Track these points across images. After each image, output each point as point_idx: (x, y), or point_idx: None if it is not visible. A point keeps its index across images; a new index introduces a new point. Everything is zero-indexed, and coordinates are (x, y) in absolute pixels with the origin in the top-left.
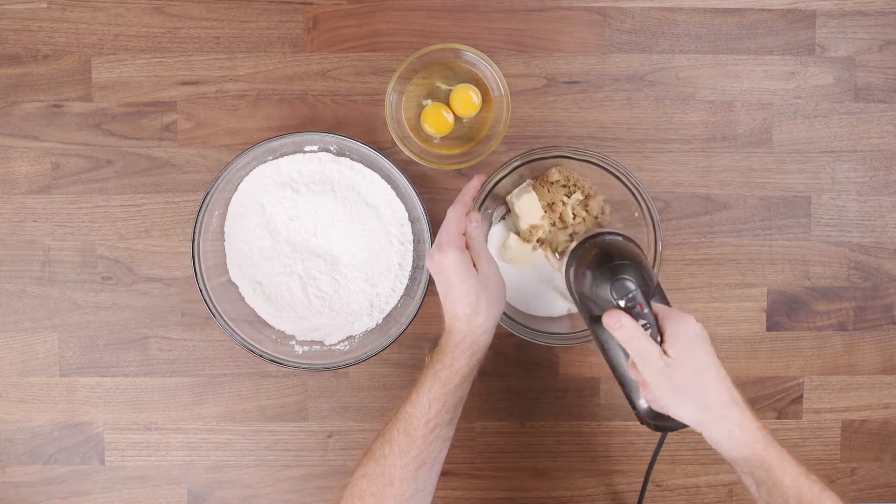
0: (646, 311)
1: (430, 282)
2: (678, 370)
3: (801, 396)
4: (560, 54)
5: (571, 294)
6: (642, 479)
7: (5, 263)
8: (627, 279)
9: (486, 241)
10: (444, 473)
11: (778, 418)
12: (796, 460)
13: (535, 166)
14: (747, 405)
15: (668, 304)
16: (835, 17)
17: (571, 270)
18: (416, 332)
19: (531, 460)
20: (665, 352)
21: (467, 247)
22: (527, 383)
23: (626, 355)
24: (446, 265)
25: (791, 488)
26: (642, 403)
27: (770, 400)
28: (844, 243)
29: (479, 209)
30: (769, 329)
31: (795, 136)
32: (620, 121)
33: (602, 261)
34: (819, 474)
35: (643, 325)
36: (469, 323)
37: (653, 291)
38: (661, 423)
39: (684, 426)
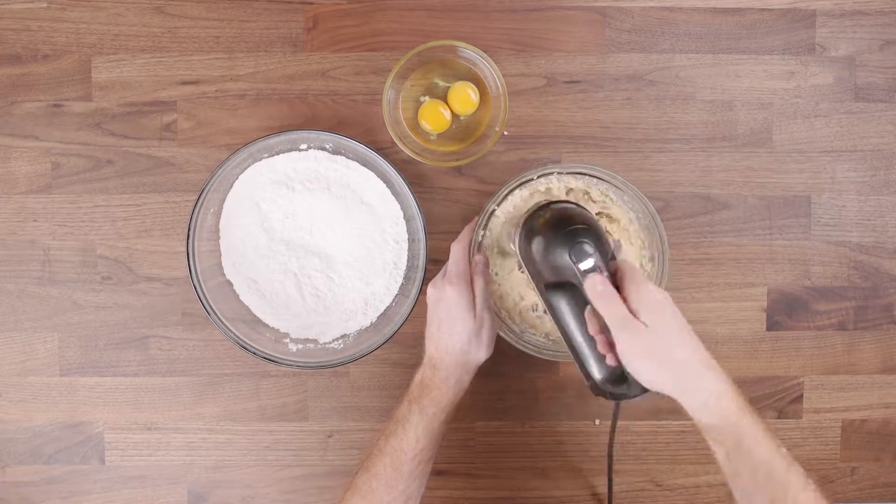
0: (605, 274)
1: (425, 281)
2: (652, 336)
3: (801, 396)
4: (560, 54)
5: (524, 263)
6: (642, 479)
7: (5, 263)
8: (586, 242)
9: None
10: (443, 473)
11: (778, 418)
12: (768, 431)
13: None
14: (721, 369)
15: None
16: (835, 16)
17: (524, 238)
18: (412, 331)
19: (531, 460)
20: (636, 317)
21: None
22: (527, 383)
23: (582, 323)
24: (451, 297)
25: (761, 461)
26: (597, 373)
27: (770, 400)
28: (844, 243)
29: (481, 235)
30: (769, 329)
31: (795, 135)
32: (620, 120)
33: (558, 226)
34: (799, 461)
35: None
36: (459, 360)
37: (609, 258)
38: (619, 392)
39: (640, 394)
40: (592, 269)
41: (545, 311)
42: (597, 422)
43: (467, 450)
